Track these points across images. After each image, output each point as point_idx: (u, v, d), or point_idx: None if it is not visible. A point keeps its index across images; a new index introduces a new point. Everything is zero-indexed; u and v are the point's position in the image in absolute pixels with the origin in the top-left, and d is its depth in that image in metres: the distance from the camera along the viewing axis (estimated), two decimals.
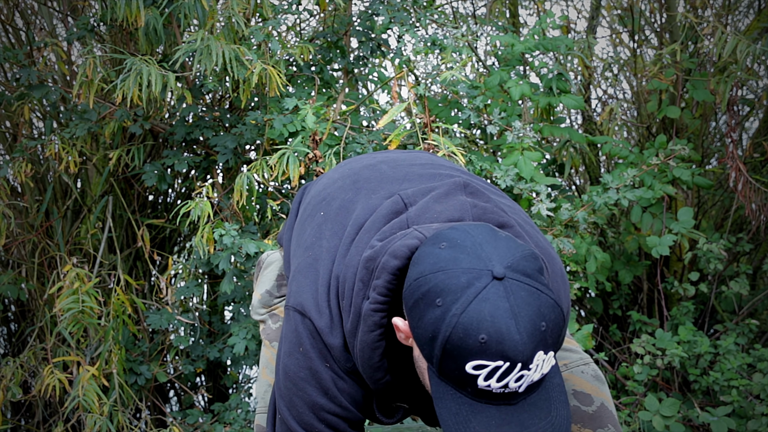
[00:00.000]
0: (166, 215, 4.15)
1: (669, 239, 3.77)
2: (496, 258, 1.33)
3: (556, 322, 1.33)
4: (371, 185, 1.67)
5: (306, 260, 1.61)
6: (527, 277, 1.33)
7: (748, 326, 4.02)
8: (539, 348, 1.30)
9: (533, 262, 1.36)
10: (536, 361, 1.30)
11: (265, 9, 3.43)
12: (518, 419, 1.32)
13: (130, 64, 3.19)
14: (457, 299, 1.30)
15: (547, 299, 1.32)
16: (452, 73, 3.35)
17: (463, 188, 1.58)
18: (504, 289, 1.30)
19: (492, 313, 1.28)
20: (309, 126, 3.26)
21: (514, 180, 3.49)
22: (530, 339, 1.29)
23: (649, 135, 4.56)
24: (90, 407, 3.36)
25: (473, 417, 1.33)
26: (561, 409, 1.36)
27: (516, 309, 1.29)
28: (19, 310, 4.51)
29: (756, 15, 4.47)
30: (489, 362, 1.29)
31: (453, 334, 1.30)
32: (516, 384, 1.30)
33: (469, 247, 1.35)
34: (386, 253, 1.44)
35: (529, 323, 1.29)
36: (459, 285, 1.31)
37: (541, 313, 1.30)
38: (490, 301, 1.29)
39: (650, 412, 3.66)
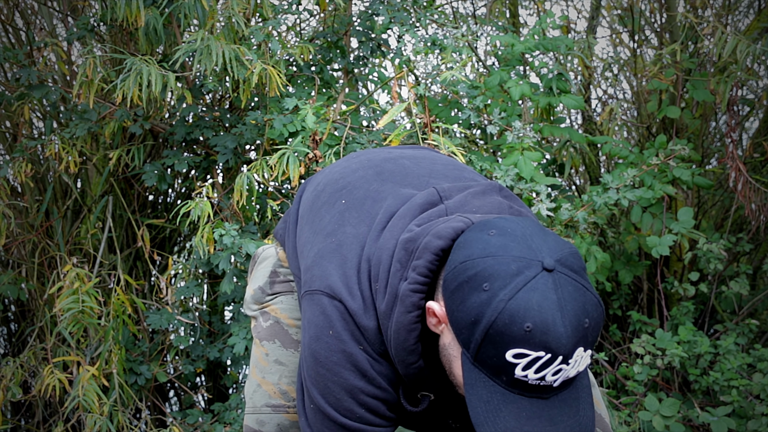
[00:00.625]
0: (166, 215, 4.16)
1: (669, 239, 3.77)
2: (546, 250, 1.33)
3: (598, 322, 1.34)
4: (397, 178, 1.64)
5: (329, 245, 1.57)
6: (575, 273, 1.33)
7: (748, 326, 4.02)
8: (581, 344, 1.30)
9: (579, 260, 1.37)
10: (576, 357, 1.30)
11: (265, 9, 3.43)
12: (548, 414, 1.32)
13: (130, 64, 3.19)
14: (505, 285, 1.30)
15: (592, 297, 1.34)
16: (452, 73, 3.35)
17: (499, 190, 1.58)
18: (553, 281, 1.30)
19: (540, 303, 1.28)
20: (309, 126, 3.26)
21: (514, 180, 3.49)
22: (574, 333, 1.29)
23: (649, 135, 4.56)
24: (90, 407, 3.36)
25: (504, 406, 1.32)
26: (588, 410, 1.36)
27: (563, 302, 1.29)
28: (19, 310, 4.52)
29: (756, 15, 4.47)
30: (531, 352, 1.28)
31: (498, 319, 1.29)
32: (553, 378, 1.30)
33: (519, 236, 1.35)
34: (429, 234, 1.43)
35: (574, 318, 1.29)
36: (509, 272, 1.31)
37: (585, 309, 1.31)
38: (539, 291, 1.29)
39: (650, 412, 3.66)
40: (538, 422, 1.31)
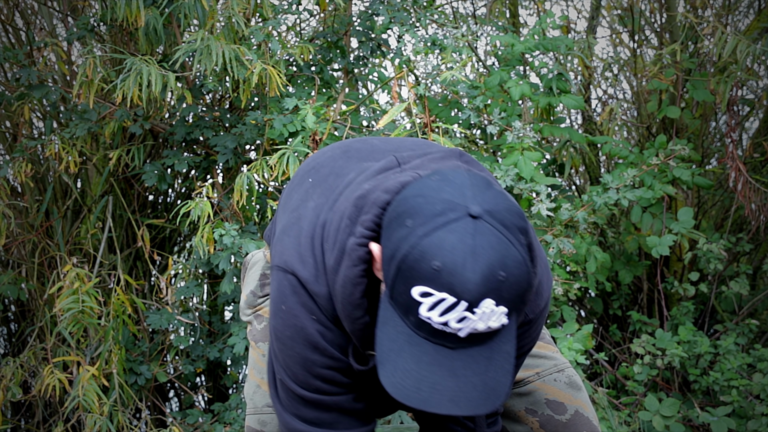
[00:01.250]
0: (166, 215, 4.16)
1: (669, 239, 3.77)
2: (480, 200, 1.31)
3: (519, 280, 1.28)
4: (363, 154, 1.65)
5: (290, 220, 1.59)
6: (504, 228, 1.29)
7: (748, 326, 4.03)
8: (490, 295, 1.26)
9: (517, 219, 1.32)
10: (483, 308, 1.26)
11: (265, 9, 3.43)
12: (451, 364, 1.29)
13: (130, 64, 3.19)
14: (425, 223, 1.28)
15: (517, 254, 1.28)
16: (452, 73, 3.35)
17: (459, 156, 1.56)
18: (474, 227, 1.27)
19: (454, 244, 1.26)
20: (309, 126, 3.26)
21: (514, 180, 3.50)
22: (482, 281, 1.25)
23: (649, 135, 4.56)
24: (90, 407, 3.36)
25: (408, 347, 1.30)
26: (501, 376, 1.32)
27: (479, 249, 1.26)
28: (19, 310, 4.52)
29: (756, 15, 4.47)
30: (435, 292, 1.26)
31: (410, 254, 1.28)
32: (457, 325, 1.27)
33: (458, 184, 1.33)
34: (378, 190, 1.42)
35: (486, 266, 1.26)
36: (433, 211, 1.29)
37: (504, 263, 1.27)
38: (456, 234, 1.27)
39: (650, 412, 3.66)
40: (437, 369, 1.29)
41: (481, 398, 1.30)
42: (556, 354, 1.88)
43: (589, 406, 1.84)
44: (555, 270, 3.58)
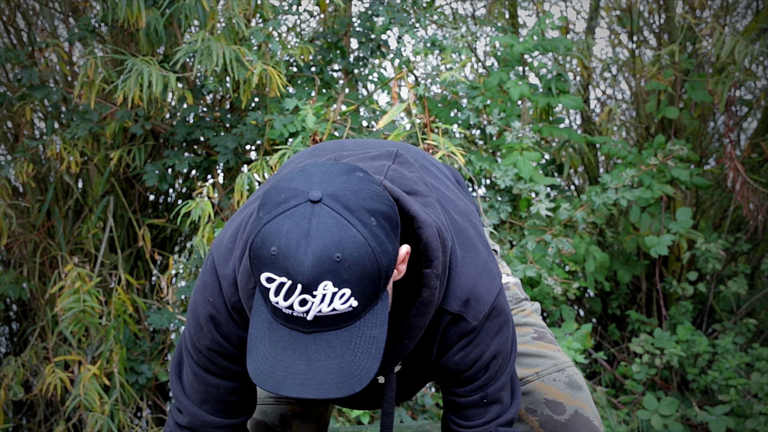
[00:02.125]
0: (166, 215, 4.17)
1: (667, 239, 3.78)
2: (325, 185, 1.33)
3: (359, 260, 1.29)
4: (326, 153, 1.70)
5: (237, 213, 1.66)
6: (346, 210, 1.31)
7: (746, 325, 4.04)
8: (326, 277, 1.28)
9: (370, 201, 1.33)
10: (322, 290, 1.28)
11: (266, 10, 3.44)
12: (304, 348, 1.32)
13: (131, 64, 3.20)
14: (269, 212, 1.33)
15: (356, 234, 1.30)
16: (452, 73, 3.37)
17: (394, 156, 1.59)
18: (312, 212, 1.30)
19: (288, 229, 1.29)
20: (309, 126, 3.28)
21: (513, 180, 3.51)
22: (315, 263, 1.28)
23: (648, 135, 4.58)
24: (91, 406, 3.37)
25: (268, 334, 1.34)
26: (363, 359, 1.33)
27: (313, 232, 1.29)
28: (21, 309, 4.53)
29: (754, 16, 4.48)
30: (276, 276, 1.30)
31: (254, 242, 1.32)
32: (301, 309, 1.30)
33: (313, 173, 1.36)
34: None
35: (319, 248, 1.28)
36: (277, 200, 1.33)
37: (340, 244, 1.29)
38: (292, 218, 1.30)
39: (649, 411, 3.67)
40: (291, 354, 1.32)
41: (334, 382, 1.31)
42: (557, 353, 1.89)
43: (590, 406, 1.84)
44: (554, 270, 3.59)
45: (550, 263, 3.57)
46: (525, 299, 1.98)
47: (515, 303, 1.95)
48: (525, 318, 1.94)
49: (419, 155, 1.74)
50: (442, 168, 1.81)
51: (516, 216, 3.68)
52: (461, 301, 1.52)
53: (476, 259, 1.56)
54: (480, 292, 1.54)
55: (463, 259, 1.54)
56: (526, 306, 1.97)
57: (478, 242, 1.60)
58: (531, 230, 3.58)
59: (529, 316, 1.95)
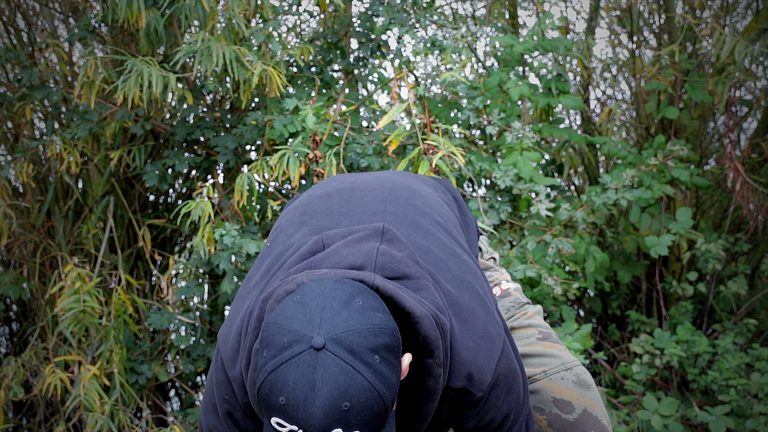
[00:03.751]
0: (166, 215, 4.17)
1: (667, 239, 3.78)
2: (327, 327, 1.35)
3: (367, 405, 1.33)
4: (313, 221, 1.71)
5: (241, 291, 1.69)
6: (349, 354, 1.34)
7: (746, 326, 4.04)
8: (336, 426, 1.31)
9: (372, 338, 1.36)
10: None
11: (266, 10, 3.44)
12: None
13: (131, 65, 3.20)
14: (274, 356, 1.35)
15: (362, 380, 1.33)
16: (452, 73, 3.37)
17: (381, 235, 1.60)
18: (316, 360, 1.33)
19: (295, 380, 1.32)
20: (309, 126, 3.28)
21: (513, 180, 3.51)
22: (324, 415, 1.31)
23: (648, 135, 4.58)
24: (91, 406, 3.37)
25: None
26: None
27: (318, 383, 1.32)
28: (21, 309, 4.53)
29: (754, 16, 4.48)
30: (287, 424, 1.33)
31: (262, 387, 1.35)
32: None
33: (311, 309, 1.38)
34: (273, 296, 1.49)
35: (327, 399, 1.31)
36: (281, 344, 1.36)
37: (347, 393, 1.32)
38: (298, 368, 1.33)
39: (649, 411, 3.67)
40: None
41: None
42: (563, 352, 1.89)
43: (599, 405, 1.84)
44: (554, 270, 3.59)
45: (550, 263, 3.57)
46: (527, 303, 1.99)
47: (517, 308, 1.96)
48: (528, 320, 1.94)
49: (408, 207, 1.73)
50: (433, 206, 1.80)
51: (516, 216, 3.68)
52: (464, 376, 1.55)
53: (474, 328, 1.58)
54: (481, 364, 1.56)
55: (461, 333, 1.56)
56: (529, 309, 1.97)
57: (475, 305, 1.62)
58: (531, 230, 3.58)
59: (532, 318, 1.95)
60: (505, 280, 1.99)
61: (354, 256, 1.54)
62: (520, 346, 1.88)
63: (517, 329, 1.92)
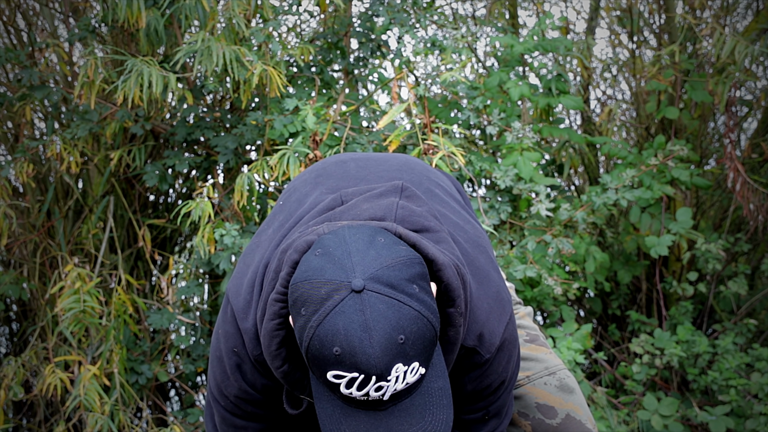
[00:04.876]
0: (167, 215, 4.17)
1: (667, 239, 3.78)
2: (361, 269, 1.35)
3: (420, 334, 1.34)
4: (330, 182, 1.71)
5: (250, 246, 1.68)
6: (390, 288, 1.34)
7: (746, 326, 4.04)
8: (397, 361, 1.32)
9: (406, 269, 1.37)
10: (395, 374, 1.32)
11: (266, 10, 3.44)
12: (386, 424, 1.35)
13: (131, 65, 3.20)
14: (316, 311, 1.34)
15: (410, 311, 1.33)
16: (452, 74, 3.37)
17: (401, 191, 1.61)
18: (361, 302, 1.32)
19: (346, 326, 1.31)
20: (309, 126, 3.28)
21: (513, 180, 3.51)
22: (384, 353, 1.31)
23: (648, 135, 4.58)
24: (91, 406, 3.37)
25: (344, 419, 1.37)
26: (439, 413, 1.37)
27: (370, 323, 1.31)
28: (21, 309, 4.53)
29: (754, 16, 4.48)
30: (345, 373, 1.32)
31: (311, 345, 1.34)
32: (377, 393, 1.33)
33: (338, 256, 1.38)
34: (293, 246, 1.49)
35: (383, 337, 1.31)
36: (319, 297, 1.35)
37: (399, 326, 1.32)
38: (345, 315, 1.32)
39: (649, 412, 3.67)
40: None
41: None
42: (549, 356, 1.89)
43: (583, 409, 1.85)
44: (554, 270, 3.59)
45: (550, 263, 3.57)
46: (518, 303, 1.99)
47: None
48: (519, 320, 1.95)
49: (423, 177, 1.75)
50: (445, 182, 1.82)
51: (516, 216, 3.68)
52: (476, 335, 1.56)
53: (489, 289, 1.60)
54: (492, 326, 1.58)
55: (478, 293, 1.57)
56: (519, 309, 1.98)
57: (490, 269, 1.63)
58: (531, 230, 3.58)
59: (522, 319, 1.96)
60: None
61: (374, 209, 1.54)
62: None
63: None
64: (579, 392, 1.86)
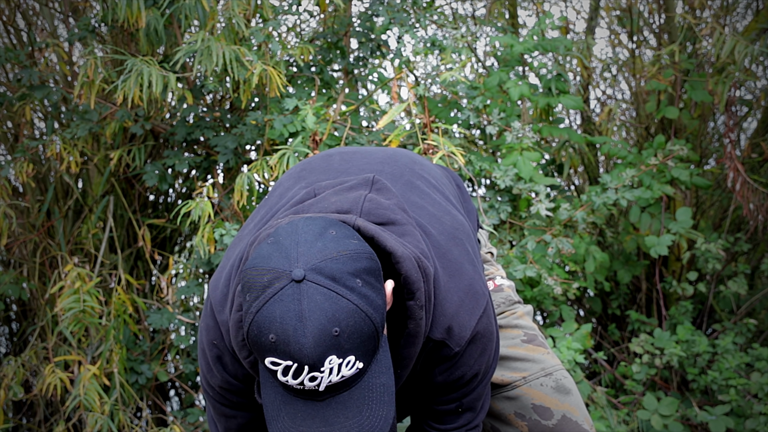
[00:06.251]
0: (166, 215, 4.17)
1: (667, 239, 3.78)
2: (305, 259, 1.36)
3: (357, 328, 1.34)
4: (312, 176, 1.73)
5: (234, 240, 1.70)
6: (331, 281, 1.34)
7: (746, 326, 4.04)
8: (330, 353, 1.32)
9: (350, 263, 1.37)
10: (328, 365, 1.33)
11: (266, 10, 3.44)
12: (323, 415, 1.36)
13: (131, 64, 3.20)
14: (257, 297, 1.36)
15: (348, 304, 1.33)
16: (452, 73, 3.37)
17: (371, 184, 1.62)
18: (299, 292, 1.33)
19: (282, 315, 1.33)
20: (309, 126, 3.28)
21: (513, 180, 3.51)
22: (316, 343, 1.31)
23: (648, 135, 4.58)
24: (91, 406, 3.37)
25: (284, 407, 1.38)
26: (379, 409, 1.38)
27: (306, 313, 1.32)
28: (21, 309, 4.53)
29: (754, 16, 4.49)
30: (280, 360, 1.33)
31: (250, 330, 1.36)
32: (312, 383, 1.34)
33: (286, 246, 1.39)
34: (257, 239, 1.51)
35: (317, 328, 1.31)
36: (261, 284, 1.36)
37: (335, 318, 1.32)
38: (282, 303, 1.33)
39: (649, 411, 3.67)
40: (311, 423, 1.36)
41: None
42: (546, 356, 1.89)
43: (580, 410, 1.85)
44: (554, 270, 3.59)
45: (550, 263, 3.57)
46: (518, 302, 1.99)
47: (508, 305, 1.96)
48: (516, 320, 1.95)
49: (406, 169, 1.75)
50: (434, 174, 1.81)
51: (516, 216, 3.68)
52: (444, 329, 1.56)
53: (460, 282, 1.59)
54: (462, 319, 1.57)
55: (447, 285, 1.57)
56: (518, 309, 1.97)
57: (464, 261, 1.63)
58: (531, 230, 3.58)
59: (521, 319, 1.96)
60: (500, 276, 1.99)
61: (341, 202, 1.56)
62: (504, 347, 1.88)
63: (504, 328, 1.92)
64: (576, 393, 1.86)
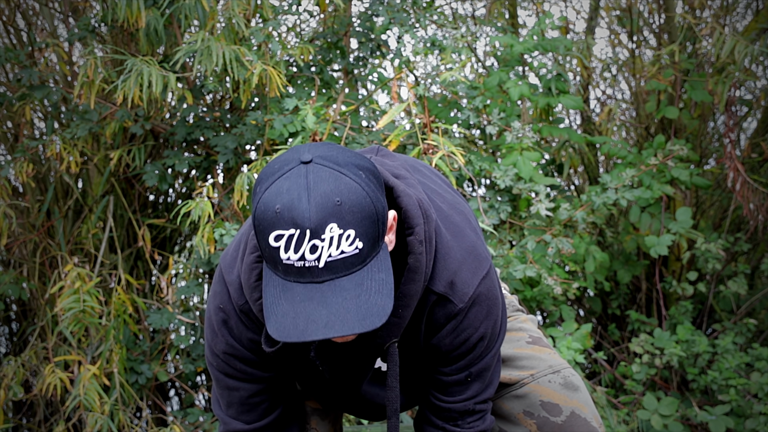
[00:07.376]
0: (166, 215, 4.17)
1: (667, 239, 3.78)
2: (315, 151, 1.43)
3: (357, 202, 1.39)
4: None
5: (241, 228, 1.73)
6: (336, 164, 1.41)
7: (746, 325, 4.04)
8: (331, 220, 1.37)
9: (356, 158, 1.43)
10: (329, 233, 1.37)
11: (266, 10, 3.44)
12: (321, 297, 1.39)
13: (131, 64, 3.20)
14: (266, 180, 1.42)
15: (350, 182, 1.39)
16: (452, 73, 3.37)
17: (376, 151, 1.72)
18: (306, 169, 1.40)
19: (289, 187, 1.39)
20: (309, 126, 3.28)
21: (513, 180, 3.51)
22: (319, 209, 1.36)
23: (648, 135, 4.58)
24: (91, 406, 3.37)
25: (283, 295, 1.41)
26: (377, 298, 1.41)
27: (311, 184, 1.38)
28: (21, 309, 4.53)
29: (754, 16, 4.49)
30: (283, 231, 1.37)
31: (258, 209, 1.41)
32: (312, 256, 1.38)
33: (299, 149, 1.45)
34: None
35: (320, 196, 1.37)
36: (271, 170, 1.43)
37: (338, 190, 1.38)
38: (290, 179, 1.39)
39: (649, 411, 3.68)
40: (309, 304, 1.39)
41: (356, 319, 1.39)
42: (552, 356, 1.89)
43: (588, 407, 1.84)
44: (554, 270, 3.59)
45: (550, 263, 3.57)
46: (520, 310, 2.00)
47: (512, 310, 1.97)
48: (520, 324, 1.96)
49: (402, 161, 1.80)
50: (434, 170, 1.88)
51: (516, 216, 3.68)
52: (446, 282, 1.59)
53: (462, 242, 1.63)
54: (465, 276, 1.61)
55: (449, 243, 1.61)
56: (521, 315, 1.99)
57: (466, 227, 1.67)
58: (531, 230, 3.58)
59: (524, 323, 1.97)
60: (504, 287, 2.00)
61: None
62: (510, 349, 1.89)
63: (508, 331, 1.93)
64: (584, 390, 1.86)
